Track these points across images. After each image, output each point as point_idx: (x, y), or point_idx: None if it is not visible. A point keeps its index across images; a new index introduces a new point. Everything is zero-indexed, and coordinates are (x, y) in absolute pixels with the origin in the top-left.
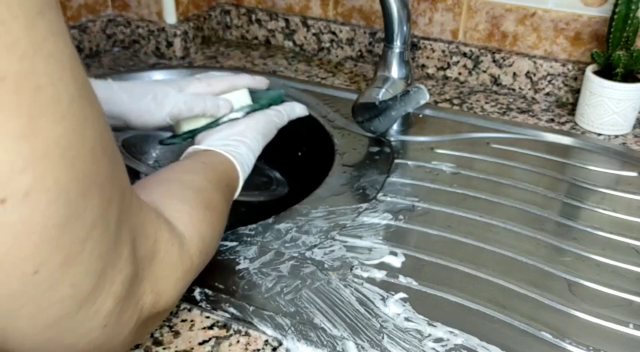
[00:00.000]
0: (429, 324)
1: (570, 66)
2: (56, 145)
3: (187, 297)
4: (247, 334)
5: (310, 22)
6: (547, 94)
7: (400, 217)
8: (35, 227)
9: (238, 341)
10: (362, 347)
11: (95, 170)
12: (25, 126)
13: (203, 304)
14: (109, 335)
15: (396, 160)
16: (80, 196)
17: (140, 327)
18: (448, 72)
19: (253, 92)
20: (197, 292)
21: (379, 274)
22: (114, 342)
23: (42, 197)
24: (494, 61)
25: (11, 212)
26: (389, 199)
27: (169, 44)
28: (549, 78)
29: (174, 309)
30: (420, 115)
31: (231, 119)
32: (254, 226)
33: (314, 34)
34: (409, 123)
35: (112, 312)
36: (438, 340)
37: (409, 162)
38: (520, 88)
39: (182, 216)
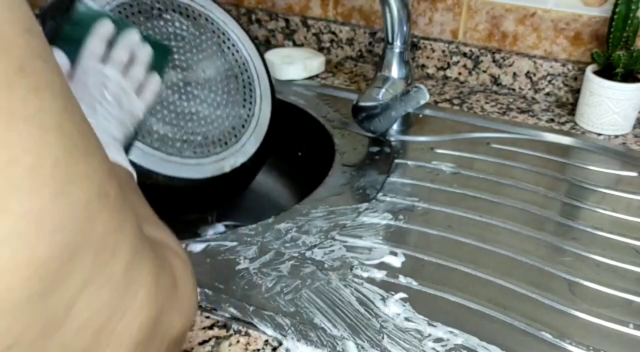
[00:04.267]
0: (429, 324)
1: (570, 66)
2: (33, 219)
3: None
4: (247, 334)
5: (310, 22)
6: (547, 94)
7: (400, 217)
8: (8, 306)
9: (238, 341)
10: (362, 347)
11: (89, 228)
12: None
13: (203, 304)
14: None
15: (396, 161)
16: (66, 262)
17: (175, 348)
18: (448, 72)
19: None
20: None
21: (379, 274)
22: None
23: (13, 277)
24: (494, 61)
25: None
26: (389, 199)
27: None
28: (549, 78)
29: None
30: (420, 115)
31: None
32: (254, 226)
33: (314, 34)
34: (409, 123)
35: None
36: (438, 340)
37: (409, 162)
38: (520, 88)
39: (147, 224)
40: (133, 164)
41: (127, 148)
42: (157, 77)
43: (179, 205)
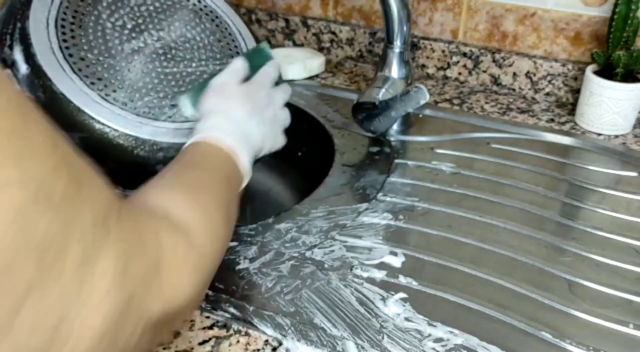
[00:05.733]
0: (429, 324)
1: (570, 66)
2: None
3: None
4: (247, 334)
5: (310, 22)
6: (547, 94)
7: (400, 217)
8: None
9: (238, 341)
10: (362, 347)
11: (24, 236)
12: None
13: (203, 304)
14: None
15: (396, 160)
16: (1, 273)
17: (155, 333)
18: (448, 72)
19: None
20: None
21: (379, 274)
22: None
23: None
24: (494, 61)
25: None
26: (389, 199)
27: None
28: (549, 78)
29: (192, 312)
30: (420, 115)
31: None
32: (253, 226)
33: (314, 34)
34: (409, 123)
35: (92, 349)
36: (438, 340)
37: (409, 162)
38: (520, 88)
39: (175, 203)
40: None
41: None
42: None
43: None
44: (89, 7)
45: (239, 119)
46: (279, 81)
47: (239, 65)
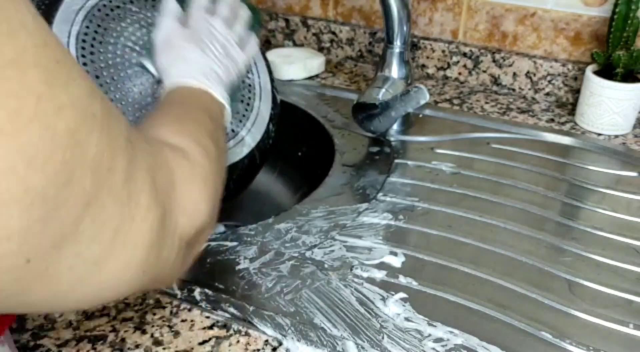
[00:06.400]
0: (429, 324)
1: (570, 66)
2: (23, 156)
3: (187, 297)
4: (247, 334)
5: (310, 22)
6: (547, 94)
7: (400, 217)
8: (13, 232)
9: (238, 341)
10: (362, 347)
11: (80, 153)
12: None
13: (203, 304)
14: (151, 277)
15: (396, 160)
16: (62, 187)
17: (186, 252)
18: (448, 72)
19: None
20: (197, 292)
21: (379, 274)
22: (161, 279)
23: (12, 209)
24: (494, 61)
25: None
26: (389, 199)
27: None
28: (549, 78)
29: (212, 231)
30: (420, 115)
31: None
32: (254, 226)
33: (314, 34)
34: (409, 123)
35: (144, 260)
36: (438, 340)
37: (409, 162)
38: (520, 88)
39: (167, 134)
40: None
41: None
42: (254, 36)
43: None
44: (112, 23)
45: (196, 59)
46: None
47: (171, 6)
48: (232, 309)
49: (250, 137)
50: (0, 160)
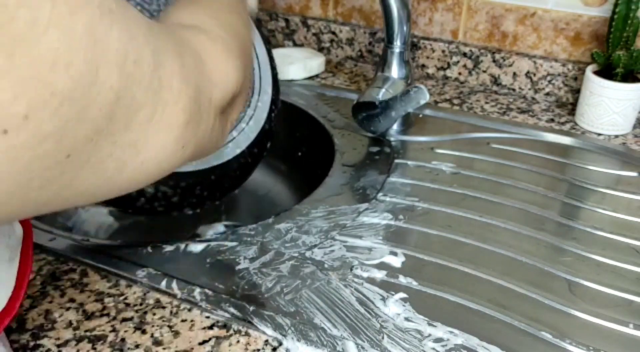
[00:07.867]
0: (429, 324)
1: (570, 66)
2: (44, 62)
3: (187, 297)
4: (247, 334)
5: (310, 22)
6: (547, 94)
7: (400, 217)
8: (48, 135)
9: (238, 341)
10: (362, 347)
11: (101, 50)
12: (3, 58)
13: (203, 304)
14: (192, 150)
15: (396, 161)
16: (89, 86)
17: (222, 120)
18: (448, 72)
19: None
20: (197, 292)
21: (379, 274)
22: (203, 150)
23: (44, 111)
24: (494, 61)
25: (16, 137)
26: (389, 199)
27: None
28: (549, 78)
29: (247, 98)
30: (420, 115)
31: None
32: (254, 225)
33: (314, 34)
34: (409, 123)
35: (181, 136)
36: (438, 340)
37: (409, 162)
38: (520, 88)
39: (181, 13)
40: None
41: None
42: None
43: (178, 200)
44: None
45: None
46: None
47: None
48: (232, 309)
49: (243, 136)
50: (24, 68)
